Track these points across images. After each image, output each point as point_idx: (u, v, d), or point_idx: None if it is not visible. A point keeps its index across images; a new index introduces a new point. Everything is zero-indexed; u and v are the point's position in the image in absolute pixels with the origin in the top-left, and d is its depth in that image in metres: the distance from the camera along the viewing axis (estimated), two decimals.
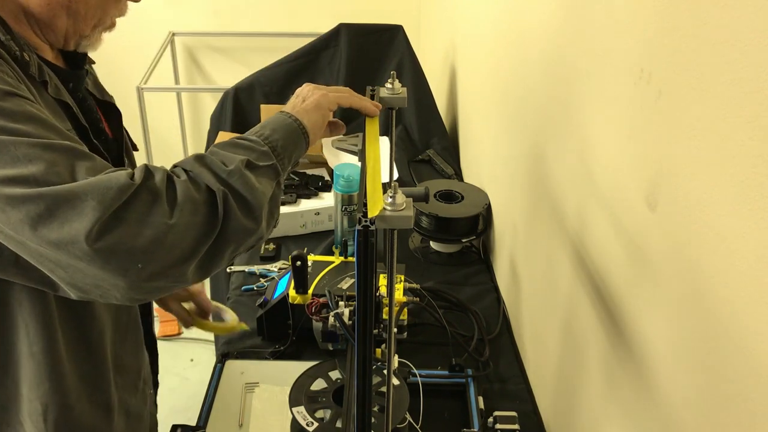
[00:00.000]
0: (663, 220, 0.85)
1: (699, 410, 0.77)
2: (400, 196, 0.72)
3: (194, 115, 3.52)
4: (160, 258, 0.75)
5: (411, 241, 1.82)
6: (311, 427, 1.10)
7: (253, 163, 0.84)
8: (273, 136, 0.90)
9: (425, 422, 1.22)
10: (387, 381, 0.87)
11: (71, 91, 0.94)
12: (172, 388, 2.69)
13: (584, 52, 1.10)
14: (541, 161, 1.36)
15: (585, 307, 1.11)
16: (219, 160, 0.83)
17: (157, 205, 0.75)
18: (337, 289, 1.40)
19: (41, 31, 0.89)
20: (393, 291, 0.80)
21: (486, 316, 1.55)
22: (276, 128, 0.91)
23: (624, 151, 0.96)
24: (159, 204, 0.76)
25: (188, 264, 0.78)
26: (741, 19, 0.67)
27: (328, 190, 1.87)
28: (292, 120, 0.93)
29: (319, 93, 1.00)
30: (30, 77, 0.84)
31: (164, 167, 0.81)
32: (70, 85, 0.94)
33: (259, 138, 0.88)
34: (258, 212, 0.83)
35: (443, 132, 2.31)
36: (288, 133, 0.92)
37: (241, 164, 0.82)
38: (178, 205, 0.77)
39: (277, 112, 0.95)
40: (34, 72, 0.85)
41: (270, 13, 3.27)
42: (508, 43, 1.63)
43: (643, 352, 0.91)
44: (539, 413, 1.34)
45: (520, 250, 1.53)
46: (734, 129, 0.69)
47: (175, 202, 0.77)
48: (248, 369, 1.33)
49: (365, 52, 2.30)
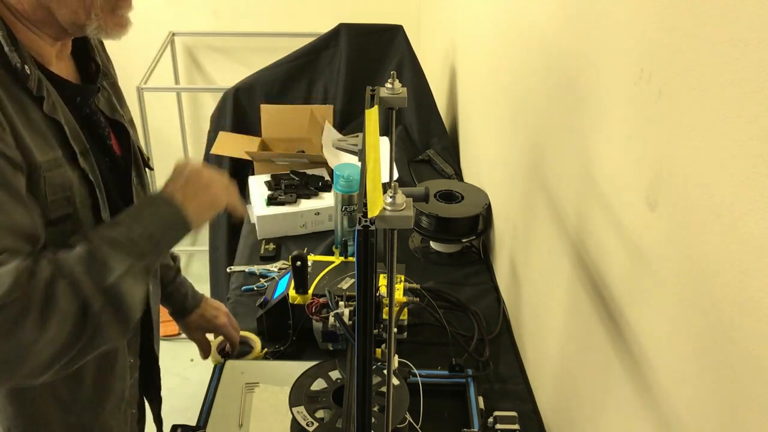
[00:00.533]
0: (663, 220, 0.85)
1: (700, 410, 0.77)
2: (400, 196, 0.72)
3: (194, 115, 3.52)
4: (17, 369, 0.76)
5: (411, 241, 1.82)
6: (311, 427, 1.10)
7: (134, 268, 0.85)
8: (158, 235, 0.89)
9: (425, 422, 1.22)
10: (387, 381, 0.87)
11: (79, 106, 0.94)
12: (172, 388, 2.69)
13: (584, 52, 1.10)
14: (541, 161, 1.36)
15: (585, 307, 1.11)
16: (102, 265, 0.82)
17: (26, 318, 0.75)
18: (337, 289, 1.40)
19: (38, 28, 0.88)
20: (393, 291, 0.80)
21: (486, 316, 1.55)
22: (166, 228, 0.91)
23: (624, 151, 0.95)
24: (29, 317, 0.75)
25: (47, 371, 0.79)
26: (741, 19, 0.67)
27: (328, 190, 1.87)
28: (182, 220, 0.92)
29: (213, 192, 0.98)
30: (26, 91, 0.84)
31: (50, 264, 0.79)
32: (78, 99, 0.94)
33: (145, 239, 0.88)
34: (131, 321, 0.85)
35: (443, 132, 2.31)
36: (175, 234, 0.92)
37: (123, 272, 0.83)
38: (50, 318, 0.76)
39: (172, 202, 0.93)
40: (32, 86, 0.84)
41: (270, 13, 3.27)
42: (508, 43, 1.63)
43: (643, 351, 0.91)
44: (539, 413, 1.34)
45: (520, 250, 1.53)
46: (734, 129, 0.69)
47: (48, 314, 0.76)
48: (248, 369, 1.33)
49: (365, 52, 2.30)
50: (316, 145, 2.06)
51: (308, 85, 2.32)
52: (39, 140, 0.84)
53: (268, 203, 1.82)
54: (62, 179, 0.87)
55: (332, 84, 2.32)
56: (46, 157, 0.85)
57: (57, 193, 0.87)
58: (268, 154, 2.00)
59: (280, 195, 1.84)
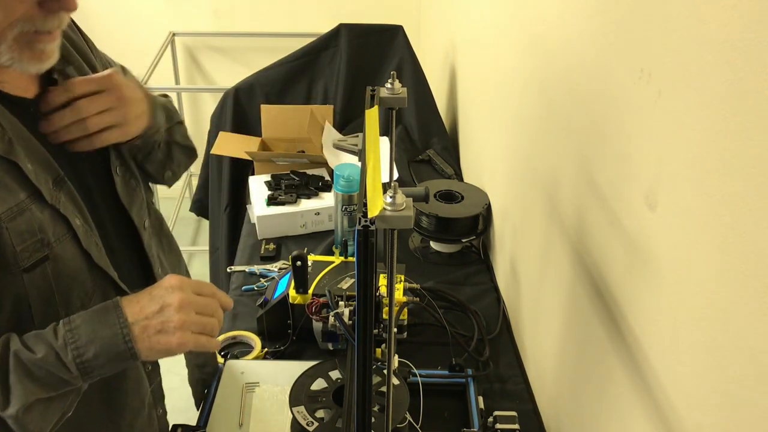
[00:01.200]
0: (663, 220, 0.85)
1: (700, 411, 0.77)
2: (400, 196, 0.72)
3: (194, 115, 3.52)
4: None
5: (411, 241, 1.82)
6: (311, 427, 1.10)
7: (43, 403, 0.79)
8: (96, 365, 0.80)
9: (425, 422, 1.22)
10: (387, 381, 0.87)
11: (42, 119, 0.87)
12: (172, 388, 2.69)
13: (584, 51, 1.10)
14: (541, 161, 1.36)
15: (585, 307, 1.11)
16: (6, 390, 0.76)
17: None
18: (337, 289, 1.40)
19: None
20: (393, 291, 0.80)
21: (486, 316, 1.55)
22: (108, 359, 0.81)
23: (624, 151, 0.96)
24: None
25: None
26: (741, 19, 0.67)
27: (328, 190, 1.88)
28: (128, 350, 0.82)
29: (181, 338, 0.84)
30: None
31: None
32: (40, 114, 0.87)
33: (75, 368, 0.79)
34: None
35: (443, 132, 2.31)
36: (116, 364, 0.83)
37: (27, 406, 0.77)
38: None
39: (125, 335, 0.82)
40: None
41: (270, 13, 3.27)
42: (508, 43, 1.63)
43: (643, 351, 0.91)
44: (539, 413, 1.34)
45: (520, 250, 1.53)
46: (734, 129, 0.69)
47: None
48: (248, 369, 1.33)
49: (365, 52, 2.31)
50: (316, 145, 2.06)
51: (308, 85, 2.32)
52: None
53: (268, 203, 1.82)
54: (29, 224, 0.80)
55: (332, 84, 2.32)
56: (5, 206, 0.78)
57: (26, 240, 0.80)
58: (268, 154, 2.00)
59: (280, 195, 1.84)
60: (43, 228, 0.82)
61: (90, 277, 0.90)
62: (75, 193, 0.87)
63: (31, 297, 0.83)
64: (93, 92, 0.90)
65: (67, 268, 0.86)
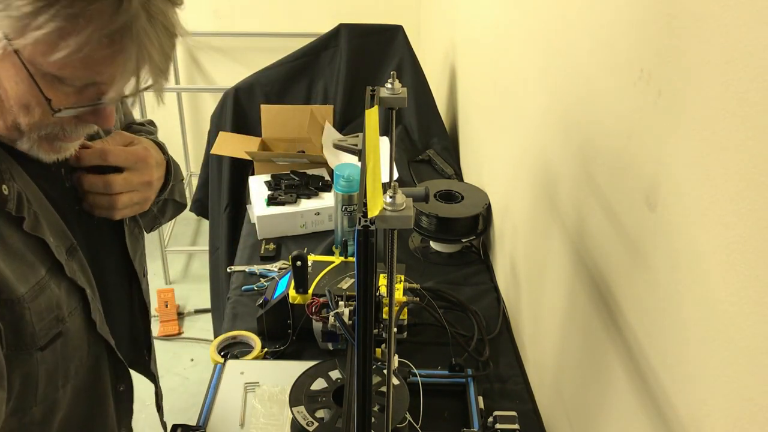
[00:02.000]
0: (663, 220, 0.85)
1: (699, 410, 0.77)
2: (400, 196, 0.72)
3: (194, 115, 3.53)
4: None
5: (411, 241, 1.82)
6: (311, 427, 1.10)
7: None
8: None
9: (425, 422, 1.22)
10: (387, 381, 0.87)
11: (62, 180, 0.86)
12: (172, 388, 2.70)
13: (584, 51, 1.10)
14: (540, 161, 1.36)
15: (585, 307, 1.11)
16: None
17: None
18: (337, 289, 1.40)
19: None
20: (393, 291, 0.80)
21: (486, 316, 1.55)
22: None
23: (624, 151, 0.96)
24: None
25: None
26: (741, 19, 0.67)
27: (328, 190, 1.88)
28: None
29: None
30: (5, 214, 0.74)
31: None
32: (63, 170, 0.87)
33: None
34: None
35: (443, 132, 2.31)
36: None
37: None
38: None
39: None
40: (11, 207, 0.75)
41: (270, 13, 3.27)
42: (508, 43, 1.63)
43: (643, 351, 0.91)
44: (539, 413, 1.34)
45: (520, 250, 1.53)
46: (734, 129, 0.69)
47: None
48: (248, 369, 1.33)
49: (365, 52, 2.31)
50: (316, 145, 2.06)
51: (308, 85, 2.33)
52: (19, 267, 0.75)
53: (268, 203, 1.82)
54: (48, 302, 0.78)
55: (332, 84, 2.32)
56: (29, 285, 0.76)
57: (44, 319, 0.78)
58: (268, 154, 2.00)
59: (280, 195, 1.84)
60: (60, 303, 0.80)
61: (87, 345, 0.88)
62: (84, 261, 0.86)
63: (40, 374, 0.81)
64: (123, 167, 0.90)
65: (73, 340, 0.84)
